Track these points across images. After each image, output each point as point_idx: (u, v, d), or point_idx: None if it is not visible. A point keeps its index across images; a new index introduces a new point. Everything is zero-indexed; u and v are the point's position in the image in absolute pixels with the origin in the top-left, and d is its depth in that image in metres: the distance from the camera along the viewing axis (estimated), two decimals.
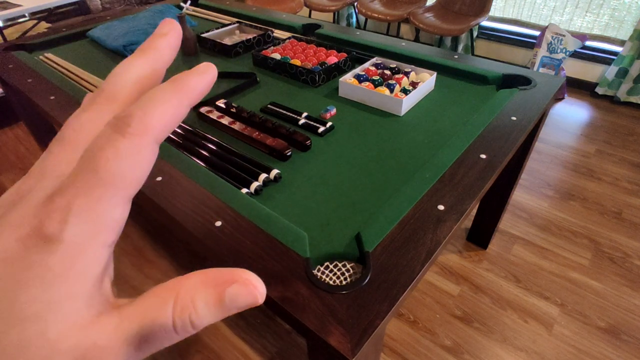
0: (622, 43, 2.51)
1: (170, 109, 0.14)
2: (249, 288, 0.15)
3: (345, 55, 1.28)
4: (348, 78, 1.13)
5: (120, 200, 0.14)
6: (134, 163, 0.14)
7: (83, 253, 0.13)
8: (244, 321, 1.37)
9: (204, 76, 0.15)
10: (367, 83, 1.10)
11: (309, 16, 3.71)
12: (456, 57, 1.27)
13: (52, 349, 0.13)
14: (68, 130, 0.15)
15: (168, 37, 0.17)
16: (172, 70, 1.30)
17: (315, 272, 0.61)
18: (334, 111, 1.04)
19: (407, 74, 1.16)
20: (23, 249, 0.13)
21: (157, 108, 0.14)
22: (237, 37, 1.54)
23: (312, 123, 0.98)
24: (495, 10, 2.91)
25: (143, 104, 0.14)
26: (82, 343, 0.14)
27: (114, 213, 0.14)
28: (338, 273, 0.61)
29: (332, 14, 3.68)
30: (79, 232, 0.13)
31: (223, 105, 1.05)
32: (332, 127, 0.98)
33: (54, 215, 0.13)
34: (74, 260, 0.13)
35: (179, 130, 0.97)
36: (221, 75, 1.27)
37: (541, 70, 2.59)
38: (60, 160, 0.15)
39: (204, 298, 0.15)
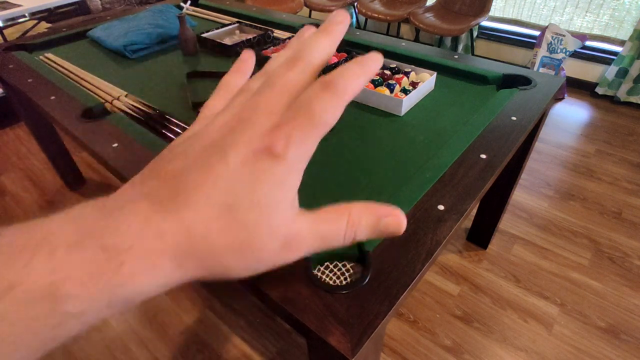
0: (622, 43, 2.51)
1: (360, 82, 0.20)
2: (398, 220, 0.22)
3: (345, 55, 1.28)
4: None
5: (318, 139, 0.20)
6: (335, 114, 0.20)
7: (296, 170, 0.20)
8: (245, 321, 1.37)
9: (378, 62, 0.21)
10: (367, 83, 1.10)
11: (309, 16, 3.71)
12: (456, 57, 1.27)
13: (273, 232, 0.19)
14: (274, 73, 0.21)
15: (344, 24, 0.23)
16: (175, 68, 1.30)
17: (315, 272, 0.61)
18: None
19: (407, 74, 1.16)
20: (257, 158, 0.19)
21: (354, 80, 0.20)
22: (237, 37, 1.54)
23: None
24: (495, 10, 2.91)
25: (344, 74, 0.20)
26: (290, 232, 0.20)
27: (314, 147, 0.20)
28: (338, 273, 0.61)
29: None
30: (296, 155, 0.19)
31: None
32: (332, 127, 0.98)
33: (280, 140, 0.19)
34: (290, 174, 0.19)
35: (179, 130, 0.97)
36: (221, 75, 1.27)
37: (541, 70, 2.59)
38: (270, 99, 0.20)
39: (366, 221, 0.22)
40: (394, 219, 0.22)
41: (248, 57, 0.28)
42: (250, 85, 0.23)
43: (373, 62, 0.21)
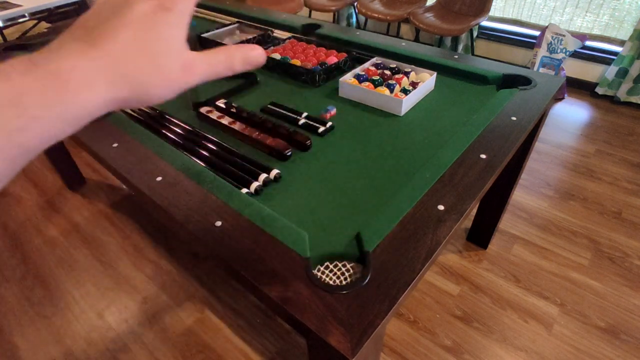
0: (622, 43, 2.51)
1: None
2: (259, 52, 0.31)
3: (345, 55, 1.28)
4: (348, 78, 1.13)
5: (194, 1, 0.28)
6: None
7: (182, 18, 0.27)
8: (245, 321, 1.37)
9: None
10: (367, 83, 1.10)
11: (309, 16, 3.71)
12: (456, 57, 1.27)
13: (174, 56, 0.26)
14: None
15: None
16: None
17: (315, 272, 0.61)
18: (334, 111, 1.04)
19: (407, 74, 1.16)
20: (155, 12, 0.25)
21: None
22: (237, 37, 1.54)
23: (312, 123, 0.98)
24: (495, 10, 2.91)
25: None
26: (187, 58, 0.27)
27: (192, 4, 0.28)
28: (338, 273, 0.61)
29: (332, 14, 3.68)
30: (181, 8, 0.27)
31: (223, 105, 1.05)
32: (332, 127, 0.98)
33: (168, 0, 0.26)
34: (180, 19, 0.27)
35: (179, 130, 0.97)
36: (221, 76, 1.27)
37: (541, 70, 2.59)
38: None
39: (239, 54, 0.30)
40: (256, 52, 0.30)
41: None
42: None
43: None
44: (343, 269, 0.61)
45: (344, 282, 0.59)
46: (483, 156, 0.83)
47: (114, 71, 0.24)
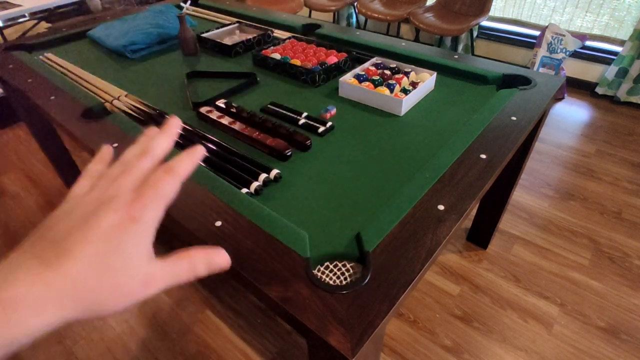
0: (622, 43, 2.51)
1: (189, 166, 0.30)
2: (223, 257, 0.32)
3: (345, 55, 1.28)
4: (348, 78, 1.13)
5: (164, 206, 0.28)
6: (173, 189, 0.29)
7: (150, 227, 0.27)
8: (245, 321, 1.37)
9: (201, 154, 0.32)
10: (367, 83, 1.10)
11: (309, 16, 3.71)
12: (456, 57, 1.27)
13: (134, 273, 0.26)
14: (129, 162, 0.30)
15: (178, 127, 0.34)
16: (176, 68, 1.30)
17: (315, 272, 0.61)
18: (334, 111, 1.04)
19: (407, 74, 1.16)
20: (122, 223, 0.26)
21: (185, 165, 0.30)
22: (237, 37, 1.54)
23: (312, 123, 0.98)
24: (495, 10, 2.91)
25: (179, 161, 0.30)
26: (147, 272, 0.27)
27: (162, 211, 0.28)
28: (338, 273, 0.61)
29: (332, 14, 3.68)
30: (149, 217, 0.27)
31: (223, 105, 1.05)
32: (332, 127, 0.98)
33: (138, 208, 0.27)
34: (147, 229, 0.27)
35: (179, 130, 0.97)
36: (221, 75, 1.27)
37: (541, 70, 2.59)
38: (129, 181, 0.29)
39: (201, 260, 0.30)
40: (220, 258, 0.31)
41: (107, 150, 0.36)
42: (112, 171, 0.30)
43: (199, 153, 0.31)
44: (343, 269, 0.61)
45: (344, 282, 0.59)
46: (483, 156, 0.83)
47: (69, 294, 0.23)
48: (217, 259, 0.31)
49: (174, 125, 0.33)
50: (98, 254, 0.24)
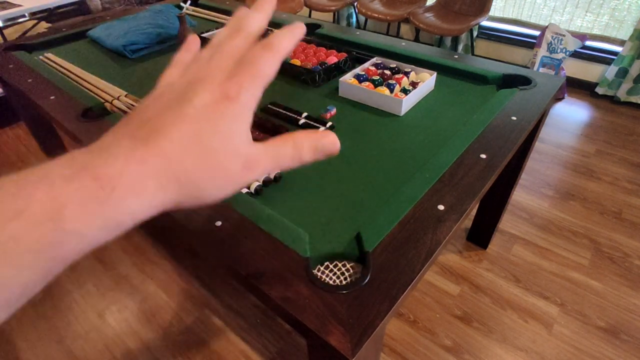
0: (622, 43, 2.51)
1: (290, 42, 0.27)
2: (333, 140, 0.28)
3: (345, 55, 1.28)
4: (348, 78, 1.13)
5: (263, 86, 0.26)
6: (273, 67, 0.26)
7: (248, 108, 0.25)
8: (245, 321, 1.37)
9: (303, 28, 0.28)
10: (367, 83, 1.10)
11: (309, 16, 3.71)
12: (456, 57, 1.27)
13: (235, 153, 0.24)
14: (220, 43, 0.27)
15: (272, 3, 0.29)
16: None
17: (315, 271, 0.61)
18: (334, 111, 1.04)
19: (407, 74, 1.16)
20: (217, 102, 0.24)
21: (286, 41, 0.26)
22: None
23: (312, 123, 0.98)
24: (495, 10, 2.91)
25: (278, 37, 0.26)
26: (249, 153, 0.25)
27: (260, 92, 0.25)
28: (338, 273, 0.61)
29: (332, 14, 3.68)
30: (247, 97, 0.24)
31: None
32: (332, 127, 0.98)
33: (234, 87, 0.24)
34: (244, 111, 0.25)
35: (274, 7, 0.96)
36: None
37: (541, 70, 2.59)
38: (222, 61, 0.26)
39: (308, 143, 0.27)
40: (329, 140, 0.28)
41: (194, 39, 0.33)
42: (202, 55, 0.28)
43: (299, 29, 0.28)
44: (343, 269, 0.61)
45: (344, 282, 0.59)
46: (483, 156, 0.83)
47: (166, 174, 0.22)
48: (325, 141, 0.28)
49: (268, 1, 0.28)
50: (194, 133, 0.22)
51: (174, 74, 0.29)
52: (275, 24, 1.65)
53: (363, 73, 1.15)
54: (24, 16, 2.87)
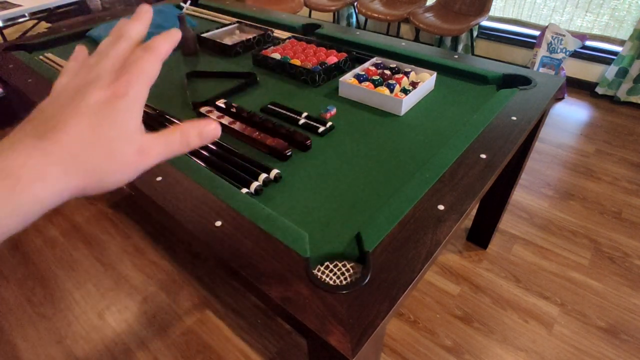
0: (622, 43, 2.51)
1: (167, 45, 0.29)
2: (214, 126, 0.31)
3: (345, 55, 1.28)
4: (348, 78, 1.13)
5: (148, 84, 0.28)
6: (155, 67, 0.28)
7: (137, 103, 0.27)
8: (245, 321, 1.37)
9: (179, 35, 0.31)
10: (367, 83, 1.10)
11: (309, 16, 3.71)
12: (456, 57, 1.27)
13: (129, 140, 0.27)
14: (105, 49, 0.30)
15: (149, 13, 0.32)
16: (173, 68, 1.30)
17: (315, 271, 0.61)
18: (334, 111, 1.04)
19: (407, 74, 1.16)
20: (108, 99, 0.26)
21: (164, 44, 0.29)
22: (237, 37, 1.54)
23: (312, 123, 0.98)
24: (495, 10, 2.91)
25: (157, 41, 0.29)
26: (142, 140, 0.27)
27: (146, 90, 0.28)
28: (338, 273, 0.61)
29: (332, 14, 3.68)
30: (135, 93, 0.27)
31: (223, 105, 1.05)
32: (332, 127, 0.98)
33: (122, 85, 0.27)
34: (134, 105, 0.27)
35: (150, 17, 0.96)
36: (221, 75, 1.27)
37: (541, 70, 2.59)
38: (109, 64, 0.28)
39: (194, 130, 0.30)
40: (211, 127, 0.31)
41: (80, 49, 0.35)
42: (89, 61, 0.30)
43: (176, 34, 0.31)
44: (343, 269, 0.61)
45: (344, 282, 0.59)
46: (483, 156, 0.83)
47: (67, 161, 0.24)
48: (207, 128, 0.31)
49: (145, 11, 0.32)
50: (90, 125, 0.25)
51: (63, 81, 0.31)
52: (275, 24, 1.65)
53: (363, 73, 1.15)
54: (24, 16, 2.87)
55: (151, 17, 0.33)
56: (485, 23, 2.99)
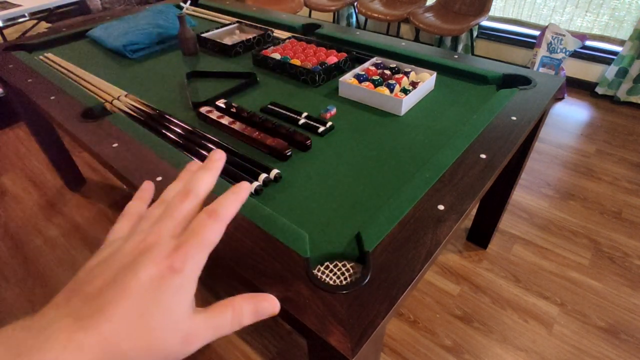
0: (622, 43, 2.51)
1: (235, 208, 0.28)
2: (272, 303, 0.29)
3: (345, 55, 1.28)
4: (348, 78, 1.13)
5: (207, 254, 0.27)
6: (217, 235, 0.27)
7: (192, 279, 0.26)
8: None
9: (247, 190, 0.30)
10: (367, 83, 1.10)
11: (309, 16, 3.71)
12: (456, 57, 1.27)
13: (175, 329, 0.24)
14: (170, 204, 0.28)
15: (221, 161, 0.31)
16: (176, 68, 1.30)
17: (315, 272, 0.61)
18: (334, 111, 1.04)
19: (407, 74, 1.16)
20: (162, 274, 0.24)
21: (230, 207, 0.28)
22: (237, 37, 1.54)
23: (312, 123, 0.98)
24: (495, 10, 2.91)
25: (223, 204, 0.28)
26: (189, 328, 0.25)
27: (204, 260, 0.26)
28: (338, 273, 0.61)
29: (332, 14, 3.68)
30: (191, 268, 0.25)
31: (223, 105, 1.05)
32: (332, 127, 0.98)
33: (180, 259, 0.25)
34: (188, 282, 0.25)
35: (179, 130, 0.97)
36: (221, 75, 1.27)
37: (541, 70, 2.59)
38: (170, 227, 0.27)
39: (247, 308, 0.28)
40: (268, 303, 0.29)
41: (148, 187, 0.34)
42: (152, 213, 0.29)
43: (244, 191, 0.29)
44: (343, 269, 0.61)
45: (344, 282, 0.59)
46: (483, 156, 0.83)
47: (103, 355, 0.22)
48: (264, 304, 0.28)
49: (218, 159, 0.30)
50: (136, 312, 0.23)
51: (124, 228, 0.30)
52: (275, 24, 1.65)
53: (363, 73, 1.15)
54: (24, 16, 2.87)
55: (222, 166, 0.31)
56: (485, 23, 2.99)
